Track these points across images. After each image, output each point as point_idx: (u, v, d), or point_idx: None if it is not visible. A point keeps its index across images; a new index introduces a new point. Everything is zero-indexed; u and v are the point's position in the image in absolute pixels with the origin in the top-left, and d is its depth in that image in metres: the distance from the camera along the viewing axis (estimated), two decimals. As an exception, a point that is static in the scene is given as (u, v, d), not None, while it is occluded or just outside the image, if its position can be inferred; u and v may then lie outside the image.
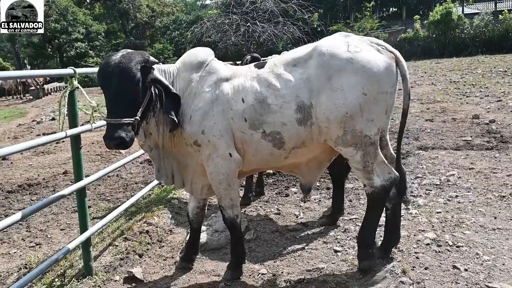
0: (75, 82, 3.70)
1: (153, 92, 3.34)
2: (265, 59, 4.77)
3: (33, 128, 14.61)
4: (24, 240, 5.21)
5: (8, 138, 13.21)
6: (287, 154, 3.56)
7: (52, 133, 12.11)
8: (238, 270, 3.87)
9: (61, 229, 5.47)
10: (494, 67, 18.29)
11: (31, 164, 9.20)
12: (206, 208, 4.19)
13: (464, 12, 33.54)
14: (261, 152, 3.54)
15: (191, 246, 4.18)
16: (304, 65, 3.43)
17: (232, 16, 22.13)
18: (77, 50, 43.26)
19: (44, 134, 12.13)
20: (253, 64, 3.75)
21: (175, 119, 3.32)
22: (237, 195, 3.73)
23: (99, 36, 46.05)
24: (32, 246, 5.02)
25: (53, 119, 15.98)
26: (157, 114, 3.45)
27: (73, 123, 3.84)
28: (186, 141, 3.53)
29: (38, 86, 27.66)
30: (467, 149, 7.40)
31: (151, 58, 3.36)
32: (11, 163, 9.42)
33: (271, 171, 6.53)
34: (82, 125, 4.07)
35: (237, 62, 5.72)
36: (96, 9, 51.63)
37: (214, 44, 25.15)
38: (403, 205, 4.96)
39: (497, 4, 35.34)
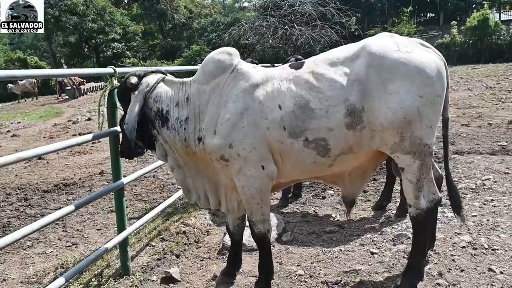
0: (115, 82, 3.72)
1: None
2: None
3: (69, 128, 14.89)
4: (60, 240, 5.27)
5: (44, 137, 13.45)
6: (332, 161, 3.22)
7: (89, 133, 12.32)
8: (268, 286, 3.61)
9: (98, 229, 5.53)
10: None
11: (67, 164, 9.36)
12: (246, 218, 3.81)
13: (501, 19, 33.45)
14: (303, 162, 3.22)
15: (234, 260, 3.92)
16: (351, 65, 3.09)
17: (270, 19, 22.33)
18: (114, 51, 43.85)
19: (80, 134, 12.35)
20: (287, 64, 3.39)
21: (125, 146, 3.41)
22: (269, 210, 3.46)
23: (136, 37, 46.65)
24: (69, 246, 5.07)
25: (89, 119, 16.25)
26: (160, 132, 3.41)
27: (112, 123, 3.86)
28: (211, 156, 3.26)
29: (74, 86, 28.10)
30: (503, 154, 7.33)
31: (134, 80, 3.39)
32: (47, 162, 9.60)
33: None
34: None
35: (275, 65, 5.62)
36: (133, 9, 52.32)
37: (251, 46, 25.48)
38: (439, 208, 4.92)
39: (534, 11, 35.10)
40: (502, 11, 37.65)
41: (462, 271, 3.72)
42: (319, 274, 3.89)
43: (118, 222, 4.06)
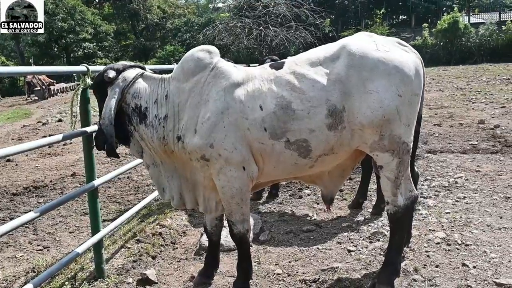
0: (88, 80, 3.63)
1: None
2: None
3: (39, 129, 14.51)
4: (31, 244, 5.11)
5: (12, 139, 13.06)
6: (313, 162, 3.22)
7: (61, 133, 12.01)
8: (246, 286, 3.55)
9: (70, 232, 5.38)
10: (498, 75, 18.85)
11: (37, 166, 9.13)
12: (224, 218, 3.82)
13: (470, 22, 34.31)
14: (284, 163, 3.19)
15: (211, 260, 3.84)
16: (331, 65, 3.09)
17: (245, 20, 22.33)
18: (85, 50, 42.78)
19: (50, 136, 12.02)
20: (267, 64, 3.34)
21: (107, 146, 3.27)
22: (248, 210, 3.41)
23: (108, 37, 45.60)
24: (40, 250, 4.92)
25: (60, 120, 15.88)
26: (137, 129, 3.33)
27: (85, 122, 3.76)
28: (191, 156, 3.20)
29: (43, 87, 27.37)
30: (474, 153, 7.56)
31: (111, 74, 3.29)
32: (16, 165, 9.32)
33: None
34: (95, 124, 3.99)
35: (251, 65, 5.63)
36: (105, 9, 51.26)
37: (226, 47, 25.51)
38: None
39: (501, 14, 36.08)
40: (471, 14, 38.67)
41: (437, 266, 3.78)
42: (297, 272, 3.88)
43: (92, 223, 3.95)
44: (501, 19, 33.53)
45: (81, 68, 3.65)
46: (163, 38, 46.02)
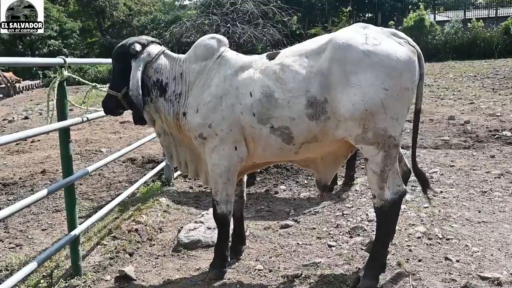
0: (65, 72, 3.56)
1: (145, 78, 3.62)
2: None
3: (5, 127, 14.06)
4: (2, 242, 4.96)
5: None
6: (297, 149, 3.41)
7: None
8: (223, 268, 3.76)
9: (43, 230, 5.24)
10: (465, 72, 18.86)
11: (5, 163, 8.82)
12: (244, 195, 4.14)
13: (436, 20, 34.67)
14: (271, 147, 3.44)
15: (237, 236, 4.15)
16: (316, 58, 3.21)
17: (212, 17, 22.11)
18: (50, 48, 41.50)
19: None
20: (265, 54, 3.59)
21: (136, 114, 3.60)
22: (233, 192, 3.68)
23: (73, 34, 44.66)
24: (12, 248, 4.78)
25: (26, 118, 15.42)
26: (155, 101, 3.63)
27: (62, 116, 3.67)
28: (191, 133, 3.54)
29: (8, 84, 26.58)
30: (446, 148, 7.61)
31: (138, 48, 3.55)
32: (-18, 163, 9.01)
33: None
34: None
35: None
36: (70, 6, 50.26)
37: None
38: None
39: (466, 12, 36.64)
40: (436, 12, 39.20)
41: (420, 260, 3.77)
42: (278, 268, 3.86)
43: (68, 220, 3.84)
44: (466, 17, 33.97)
45: (58, 60, 3.57)
46: (129, 36, 44.97)
